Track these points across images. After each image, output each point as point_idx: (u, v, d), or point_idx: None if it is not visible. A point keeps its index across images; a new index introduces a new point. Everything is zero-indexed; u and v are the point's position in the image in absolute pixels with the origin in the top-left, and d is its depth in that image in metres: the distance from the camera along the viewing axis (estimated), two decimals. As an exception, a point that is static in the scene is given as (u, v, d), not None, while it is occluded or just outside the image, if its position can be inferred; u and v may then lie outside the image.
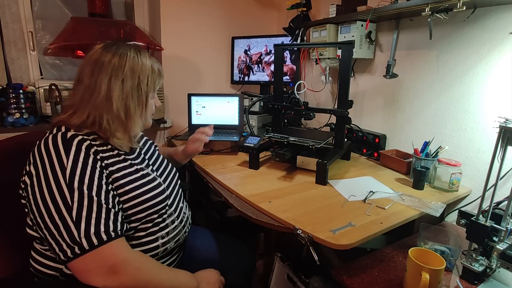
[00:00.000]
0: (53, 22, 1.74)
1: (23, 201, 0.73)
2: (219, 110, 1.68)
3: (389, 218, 0.90)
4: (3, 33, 1.57)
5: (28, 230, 0.75)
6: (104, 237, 0.66)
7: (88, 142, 0.73)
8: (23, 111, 1.54)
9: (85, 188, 0.67)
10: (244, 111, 1.68)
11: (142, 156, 0.91)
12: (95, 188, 0.68)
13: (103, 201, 0.68)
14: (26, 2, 1.63)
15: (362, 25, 1.44)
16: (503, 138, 0.75)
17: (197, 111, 1.69)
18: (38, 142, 0.72)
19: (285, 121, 1.77)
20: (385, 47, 1.50)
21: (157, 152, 1.01)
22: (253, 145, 1.29)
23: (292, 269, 1.07)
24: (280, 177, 1.21)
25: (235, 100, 1.66)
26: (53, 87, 1.58)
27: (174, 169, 1.02)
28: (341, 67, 1.26)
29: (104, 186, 0.70)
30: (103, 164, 0.73)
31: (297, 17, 1.85)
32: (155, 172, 0.90)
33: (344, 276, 0.80)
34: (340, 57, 1.43)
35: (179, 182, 1.01)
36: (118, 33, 1.74)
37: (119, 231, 0.70)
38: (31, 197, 0.67)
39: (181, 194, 0.99)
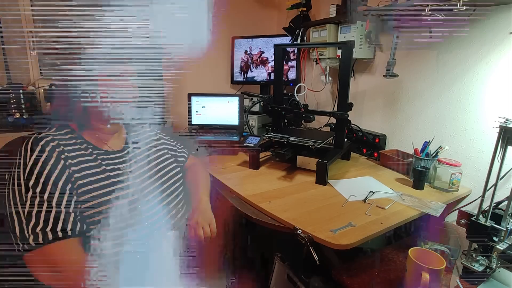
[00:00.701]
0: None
1: None
2: (219, 110, 1.68)
3: (389, 218, 0.90)
4: (3, 33, 1.57)
5: None
6: (50, 235, 0.68)
7: (57, 142, 0.75)
8: (23, 111, 1.54)
9: (38, 188, 0.70)
10: (244, 111, 1.68)
11: (131, 155, 0.90)
12: (49, 188, 0.70)
13: (53, 204, 0.70)
14: (26, 2, 1.63)
15: (362, 25, 1.44)
16: (503, 138, 0.75)
17: (197, 111, 1.69)
18: None
19: (285, 121, 1.77)
20: (385, 47, 1.49)
21: (160, 152, 0.98)
22: (253, 145, 1.29)
23: (292, 269, 1.07)
24: (280, 177, 1.21)
25: (235, 100, 1.66)
26: (53, 87, 1.58)
27: (175, 170, 0.98)
28: (341, 67, 1.26)
29: (60, 186, 0.72)
30: (67, 163, 0.75)
31: (297, 17, 1.86)
32: (133, 174, 0.86)
33: (344, 276, 0.80)
34: (340, 57, 1.43)
35: (175, 185, 0.97)
36: (118, 33, 1.73)
37: (69, 231, 0.70)
38: (5, 192, 0.72)
39: (173, 199, 0.94)
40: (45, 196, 0.70)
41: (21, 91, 1.53)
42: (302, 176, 1.22)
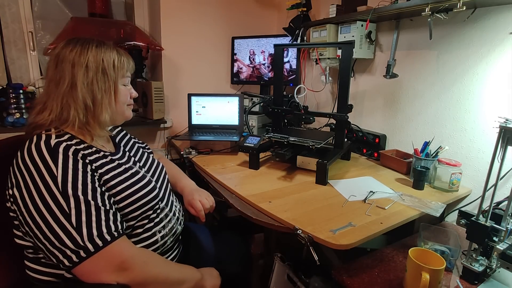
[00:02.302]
0: (53, 22, 1.74)
1: (11, 213, 0.72)
2: (219, 110, 1.68)
3: (389, 218, 0.90)
4: (3, 33, 1.57)
5: (18, 241, 0.74)
6: (108, 237, 0.67)
7: (74, 148, 0.71)
8: (23, 111, 1.54)
9: (79, 193, 0.67)
10: (244, 112, 1.68)
11: (127, 154, 0.91)
12: (89, 192, 0.68)
13: (100, 204, 0.69)
14: (26, 2, 1.63)
15: (362, 25, 1.44)
16: (503, 138, 0.75)
17: (197, 111, 1.69)
18: (19, 153, 0.70)
19: (285, 121, 1.77)
20: (385, 47, 1.49)
21: (141, 150, 1.01)
22: (253, 145, 1.29)
23: (292, 269, 1.07)
24: (280, 177, 1.21)
25: (235, 100, 1.66)
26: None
27: (160, 164, 1.02)
28: (341, 67, 1.26)
29: (98, 189, 0.71)
30: (93, 167, 0.73)
31: (297, 17, 1.86)
32: (143, 169, 0.90)
33: (344, 276, 0.80)
34: (340, 57, 1.43)
35: (167, 176, 1.01)
36: (118, 33, 1.74)
37: (121, 230, 0.71)
38: (23, 209, 0.66)
39: (170, 188, 0.99)
40: (90, 200, 0.68)
41: (21, 91, 1.53)
42: (302, 176, 1.22)
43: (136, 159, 0.93)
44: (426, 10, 1.09)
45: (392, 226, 0.88)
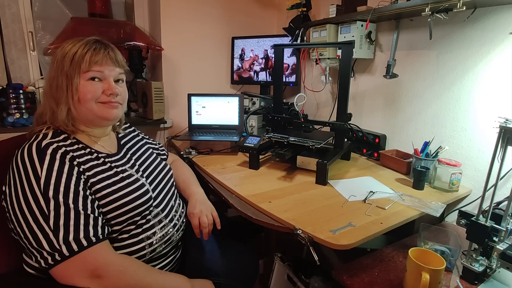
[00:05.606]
0: (53, 22, 1.74)
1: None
2: (219, 110, 1.68)
3: (389, 218, 0.90)
4: (3, 33, 1.57)
5: (12, 234, 0.74)
6: (84, 242, 0.66)
7: (64, 149, 0.73)
8: (23, 111, 1.54)
9: (60, 197, 0.67)
10: (244, 112, 1.68)
11: (128, 155, 0.90)
12: (71, 195, 0.68)
13: (80, 208, 0.68)
14: (26, 2, 1.63)
15: (362, 25, 1.44)
16: (503, 138, 0.75)
17: (197, 111, 1.69)
18: (16, 151, 0.72)
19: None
20: (385, 47, 1.49)
21: (149, 152, 0.99)
22: (253, 145, 1.29)
23: (292, 269, 1.07)
24: (280, 177, 1.21)
25: (235, 100, 1.66)
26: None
27: (167, 167, 1.00)
28: (341, 67, 1.26)
29: (81, 192, 0.70)
30: (81, 169, 0.73)
31: (297, 17, 1.86)
32: (140, 172, 0.88)
33: (344, 276, 0.80)
34: (340, 57, 1.43)
35: (171, 180, 0.99)
36: (118, 33, 1.74)
37: (100, 235, 0.70)
38: (10, 207, 0.68)
39: (173, 192, 0.97)
40: (70, 204, 0.68)
41: (21, 91, 1.53)
42: (302, 176, 1.22)
43: (139, 162, 0.92)
44: (426, 10, 1.09)
45: (392, 226, 0.88)
